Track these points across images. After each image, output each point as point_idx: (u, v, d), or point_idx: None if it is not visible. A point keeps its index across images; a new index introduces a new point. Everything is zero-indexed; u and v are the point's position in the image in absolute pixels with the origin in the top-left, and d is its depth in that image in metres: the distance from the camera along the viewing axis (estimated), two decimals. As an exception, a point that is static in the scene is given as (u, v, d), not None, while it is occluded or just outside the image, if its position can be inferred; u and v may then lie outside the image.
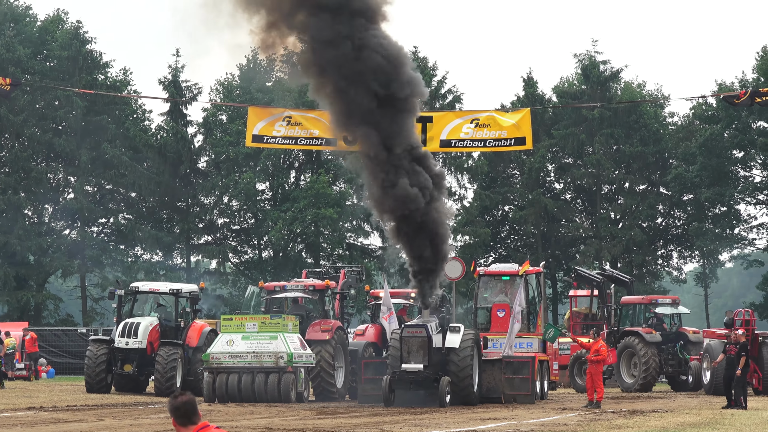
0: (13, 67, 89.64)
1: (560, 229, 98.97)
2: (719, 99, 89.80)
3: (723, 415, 41.05)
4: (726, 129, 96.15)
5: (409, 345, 45.20)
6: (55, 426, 34.30)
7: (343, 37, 48.00)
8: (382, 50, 47.86)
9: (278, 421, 35.68)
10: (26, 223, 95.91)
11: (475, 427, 34.36)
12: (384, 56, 47.73)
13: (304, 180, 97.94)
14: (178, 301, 55.95)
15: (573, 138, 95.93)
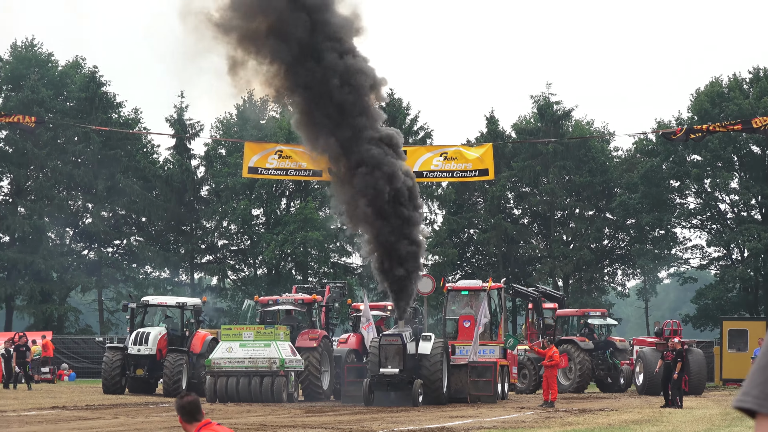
0: (38, 107, 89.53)
1: (519, 250, 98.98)
2: (658, 135, 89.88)
3: (661, 414, 41.28)
4: (664, 162, 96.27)
5: (386, 351, 45.35)
6: (75, 423, 34.29)
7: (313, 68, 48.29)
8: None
9: (272, 419, 35.73)
10: (50, 244, 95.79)
11: (445, 424, 34.39)
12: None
13: (293, 206, 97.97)
14: (183, 313, 56.02)
15: (530, 169, 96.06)
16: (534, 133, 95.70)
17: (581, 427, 33.81)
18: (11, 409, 41.41)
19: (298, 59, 48.42)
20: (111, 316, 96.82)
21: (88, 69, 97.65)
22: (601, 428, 33.37)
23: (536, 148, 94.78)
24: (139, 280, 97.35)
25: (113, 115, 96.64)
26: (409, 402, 44.08)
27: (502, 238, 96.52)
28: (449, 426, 33.51)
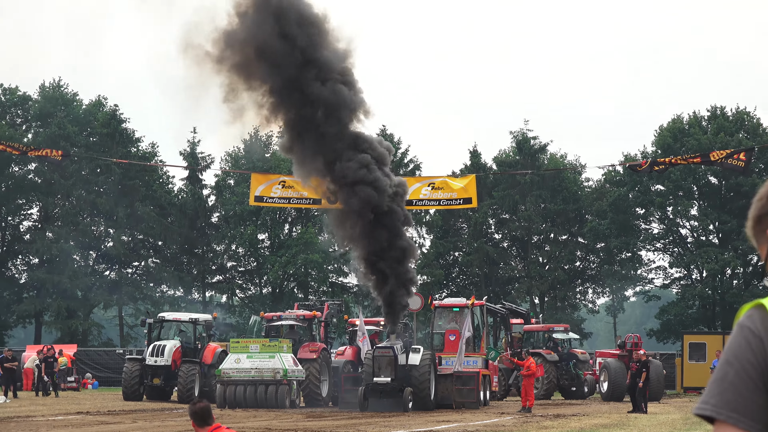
0: (64, 142, 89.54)
1: (499, 271, 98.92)
2: (625, 167, 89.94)
3: (628, 418, 41.26)
4: (630, 191, 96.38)
5: (379, 362, 45.36)
6: (98, 427, 34.27)
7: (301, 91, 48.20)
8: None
9: (276, 423, 35.73)
10: (75, 266, 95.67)
11: (432, 428, 34.41)
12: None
13: (295, 231, 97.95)
14: (195, 328, 55.96)
15: (509, 198, 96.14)
16: (513, 166, 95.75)
17: (555, 431, 33.85)
18: (40, 414, 41.40)
19: (284, 89, 48.33)
20: (130, 331, 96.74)
21: (110, 107, 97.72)
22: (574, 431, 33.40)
23: (515, 179, 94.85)
24: (156, 297, 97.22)
25: (132, 149, 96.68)
26: (399, 408, 44.04)
27: (484, 260, 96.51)
28: (436, 430, 33.54)
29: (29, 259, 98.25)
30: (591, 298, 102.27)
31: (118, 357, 73.10)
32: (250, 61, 48.57)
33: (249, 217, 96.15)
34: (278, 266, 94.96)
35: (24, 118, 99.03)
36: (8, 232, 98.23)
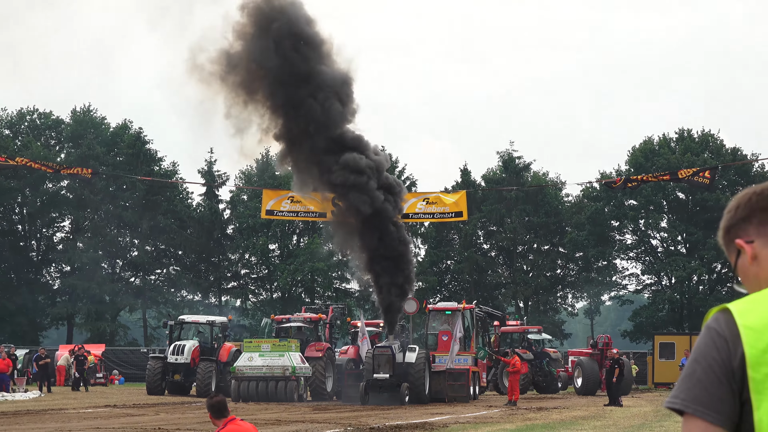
0: (93, 161, 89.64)
1: (487, 278, 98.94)
2: (601, 184, 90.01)
3: (605, 411, 41.30)
4: (606, 206, 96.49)
5: (378, 360, 45.34)
6: (124, 419, 34.24)
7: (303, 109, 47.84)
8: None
9: (285, 415, 35.69)
10: (103, 273, 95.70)
11: (427, 419, 34.35)
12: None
13: (303, 242, 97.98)
14: (212, 329, 56.04)
15: (496, 212, 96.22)
16: (499, 182, 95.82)
17: (539, 422, 33.82)
18: (71, 407, 41.38)
19: (282, 106, 47.99)
20: (153, 332, 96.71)
21: (135, 130, 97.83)
22: (555, 423, 33.38)
23: (501, 195, 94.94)
24: (176, 302, 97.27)
25: (155, 167, 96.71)
26: (397, 402, 44.03)
27: (473, 267, 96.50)
28: (431, 421, 33.48)
29: (62, 267, 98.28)
30: (570, 302, 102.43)
31: (142, 355, 73.12)
32: (249, 80, 48.31)
33: (261, 229, 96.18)
34: (287, 273, 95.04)
35: (57, 139, 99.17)
36: (43, 242, 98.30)
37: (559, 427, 31.36)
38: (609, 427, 31.58)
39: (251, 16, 48.13)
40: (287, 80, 47.24)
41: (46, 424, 31.58)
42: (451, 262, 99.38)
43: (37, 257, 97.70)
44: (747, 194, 3.48)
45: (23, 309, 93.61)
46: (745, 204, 3.45)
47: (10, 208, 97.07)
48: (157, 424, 31.53)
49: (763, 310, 3.21)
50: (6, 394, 51.48)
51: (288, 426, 30.46)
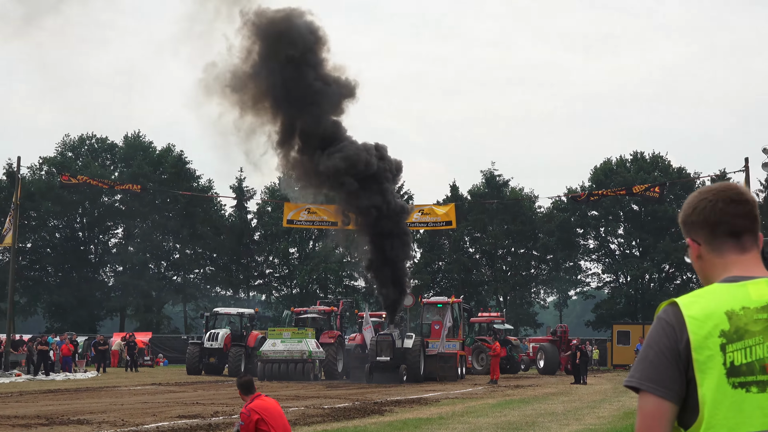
0: (142, 178, 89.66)
1: (472, 276, 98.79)
2: (568, 198, 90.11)
3: (571, 388, 41.24)
4: (572, 216, 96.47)
5: (381, 346, 45.36)
6: (168, 394, 34.24)
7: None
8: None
9: (303, 392, 35.68)
10: (150, 272, 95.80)
11: (422, 395, 34.33)
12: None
13: (318, 246, 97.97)
14: (242, 319, 56.07)
15: (480, 221, 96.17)
16: (483, 196, 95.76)
17: (516, 397, 33.82)
18: (124, 385, 41.39)
19: (286, 123, 47.27)
20: (192, 322, 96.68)
21: (177, 153, 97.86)
22: (530, 398, 33.38)
23: (484, 207, 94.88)
24: (211, 296, 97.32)
25: (194, 183, 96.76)
26: (396, 381, 44.09)
27: (461, 268, 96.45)
28: (425, 397, 33.46)
29: (116, 267, 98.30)
30: (542, 297, 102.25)
31: (182, 342, 73.12)
32: (257, 97, 47.48)
33: (282, 236, 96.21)
34: (304, 273, 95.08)
35: (111, 160, 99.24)
36: (99, 247, 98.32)
37: (533, 402, 31.35)
38: (575, 401, 31.56)
39: (256, 37, 46.95)
40: (292, 96, 46.05)
41: (102, 399, 31.58)
42: (442, 263, 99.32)
43: (94, 259, 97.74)
44: (704, 200, 3.46)
45: (83, 302, 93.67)
46: (700, 211, 3.45)
47: (72, 218, 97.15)
48: (195, 399, 31.54)
49: (704, 303, 3.28)
50: (69, 373, 51.53)
51: (305, 401, 30.44)
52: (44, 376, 48.62)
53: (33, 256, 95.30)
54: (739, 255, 3.42)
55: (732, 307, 3.27)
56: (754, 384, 3.20)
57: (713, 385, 3.20)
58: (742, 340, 3.22)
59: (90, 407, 27.35)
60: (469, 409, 27.36)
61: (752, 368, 3.21)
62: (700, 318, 3.25)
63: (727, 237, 3.41)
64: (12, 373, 48.08)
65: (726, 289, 3.32)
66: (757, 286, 3.32)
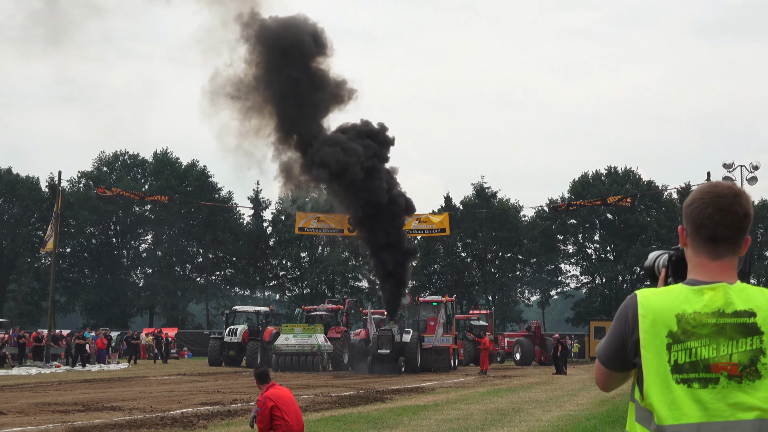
0: (169, 191, 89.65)
1: (464, 278, 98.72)
2: (550, 208, 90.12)
3: (553, 378, 41.11)
4: (553, 224, 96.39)
5: (381, 340, 45.20)
6: (192, 384, 34.15)
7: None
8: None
9: (313, 382, 35.60)
10: (176, 274, 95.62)
11: (420, 384, 34.25)
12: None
13: (326, 251, 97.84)
14: (258, 317, 55.87)
15: (471, 228, 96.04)
16: (474, 206, 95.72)
17: (503, 386, 33.71)
18: (152, 375, 41.32)
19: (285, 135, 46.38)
20: (214, 318, 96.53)
21: (200, 168, 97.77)
22: (516, 387, 33.29)
23: (475, 215, 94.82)
24: (231, 296, 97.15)
25: (215, 195, 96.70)
26: (396, 371, 43.97)
27: (454, 270, 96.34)
28: (422, 386, 33.38)
29: (146, 269, 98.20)
30: (527, 296, 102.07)
31: (205, 336, 73.02)
32: (259, 105, 46.01)
33: (295, 242, 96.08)
34: (314, 275, 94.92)
35: (142, 174, 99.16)
36: (131, 251, 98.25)
37: (519, 390, 31.27)
38: (557, 390, 31.49)
39: (259, 51, 45.30)
40: (291, 107, 44.87)
41: (133, 387, 31.53)
42: (437, 266, 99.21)
43: (126, 262, 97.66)
44: (700, 199, 3.41)
45: (116, 301, 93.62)
46: (693, 209, 3.41)
47: (107, 225, 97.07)
48: (216, 387, 31.48)
49: (659, 301, 3.32)
50: (103, 365, 51.47)
51: (315, 389, 30.39)
52: (81, 367, 48.58)
53: (72, 259, 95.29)
54: (710, 260, 3.38)
55: (684, 310, 3.29)
56: (696, 380, 3.24)
57: (657, 380, 3.26)
58: (687, 341, 3.25)
59: (122, 395, 27.30)
60: (461, 397, 27.30)
61: (696, 366, 3.24)
62: (651, 318, 3.31)
63: (705, 240, 3.38)
64: (53, 365, 48.03)
65: (684, 292, 3.32)
66: (712, 292, 3.30)
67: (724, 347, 3.23)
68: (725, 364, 3.23)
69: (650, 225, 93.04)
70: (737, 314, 3.26)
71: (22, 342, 49.93)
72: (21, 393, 28.36)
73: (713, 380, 3.23)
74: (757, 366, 3.22)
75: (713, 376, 3.23)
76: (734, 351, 3.23)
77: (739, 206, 3.35)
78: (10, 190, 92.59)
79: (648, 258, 3.66)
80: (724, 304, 3.28)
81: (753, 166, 53.31)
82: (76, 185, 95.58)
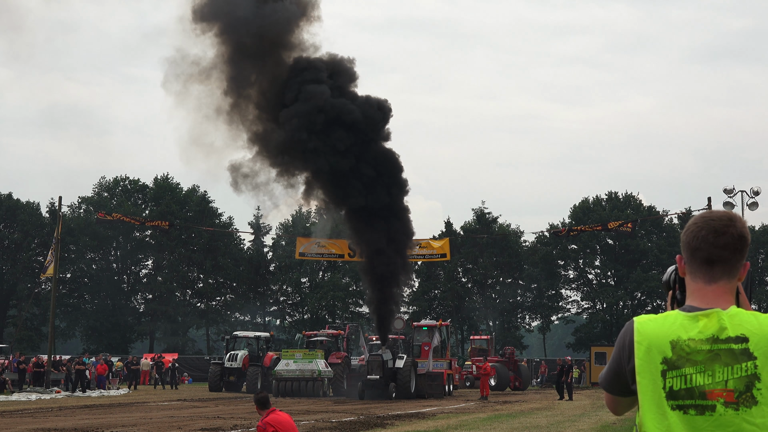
0: (170, 216, 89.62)
1: (465, 303, 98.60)
2: (551, 233, 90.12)
3: (555, 404, 40.99)
4: (554, 249, 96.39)
5: (371, 365, 43.94)
6: (192, 409, 34.10)
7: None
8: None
9: (313, 407, 35.52)
10: (176, 300, 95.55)
11: (420, 410, 34.13)
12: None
13: (326, 276, 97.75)
14: (258, 342, 55.80)
15: (472, 253, 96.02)
16: (474, 231, 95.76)
17: (505, 412, 33.64)
18: (152, 401, 41.25)
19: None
20: (214, 344, 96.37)
21: (201, 193, 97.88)
22: (517, 412, 33.21)
23: (475, 241, 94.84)
24: (231, 321, 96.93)
25: (216, 220, 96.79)
26: (386, 397, 43.03)
27: (454, 296, 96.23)
28: (423, 411, 33.31)
29: (146, 295, 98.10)
30: (528, 321, 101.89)
31: (205, 362, 72.91)
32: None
33: (295, 267, 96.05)
34: (315, 300, 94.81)
35: (143, 199, 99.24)
36: (131, 276, 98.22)
37: (520, 416, 31.21)
38: (557, 416, 31.43)
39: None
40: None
41: (133, 413, 31.49)
42: (438, 291, 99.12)
43: (127, 288, 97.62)
44: (695, 224, 3.46)
45: (116, 326, 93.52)
46: (688, 234, 3.45)
47: (107, 250, 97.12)
48: (216, 413, 31.44)
49: (655, 329, 3.35)
50: (103, 390, 51.36)
51: (316, 415, 30.35)
52: (81, 393, 48.47)
53: (72, 285, 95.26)
54: (705, 284, 3.41)
55: (679, 337, 3.32)
56: (692, 407, 3.26)
57: (653, 407, 3.29)
58: (682, 368, 3.27)
59: (122, 421, 27.26)
60: (462, 423, 27.25)
61: (692, 393, 3.26)
62: (646, 345, 3.34)
63: (701, 264, 3.41)
64: (53, 390, 47.93)
65: (680, 319, 3.35)
66: (706, 319, 3.33)
67: (720, 373, 3.25)
68: (720, 390, 3.24)
69: (651, 250, 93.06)
70: (730, 340, 3.28)
71: (22, 368, 49.86)
72: (21, 419, 28.32)
73: (710, 407, 3.24)
74: (753, 392, 3.23)
75: (709, 404, 3.24)
76: (729, 377, 3.24)
77: (734, 228, 3.38)
78: (10, 216, 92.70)
79: (666, 272, 3.66)
80: (718, 330, 3.30)
81: (754, 191, 53.40)
82: (77, 210, 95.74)
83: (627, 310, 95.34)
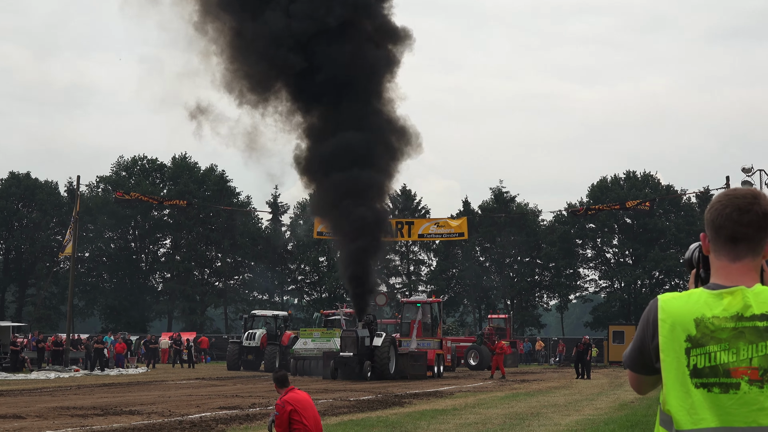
0: (188, 195, 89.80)
1: (483, 282, 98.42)
2: (569, 212, 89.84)
3: (572, 382, 41.00)
4: (572, 228, 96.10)
5: (345, 342, 41.71)
6: (210, 388, 34.23)
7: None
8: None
9: (332, 386, 35.57)
10: (194, 279, 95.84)
11: (438, 389, 34.15)
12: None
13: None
14: (276, 321, 55.98)
15: (489, 233, 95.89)
16: (492, 211, 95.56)
17: (522, 390, 33.66)
18: (171, 379, 41.43)
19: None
20: (232, 323, 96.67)
21: (219, 172, 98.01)
22: (535, 391, 33.22)
23: (493, 220, 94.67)
24: (249, 300, 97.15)
25: (234, 199, 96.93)
26: (361, 377, 40.43)
27: (472, 275, 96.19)
28: (441, 390, 33.35)
29: (164, 274, 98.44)
30: (545, 300, 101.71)
31: (224, 341, 73.14)
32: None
33: (313, 246, 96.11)
34: (332, 279, 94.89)
35: (161, 179, 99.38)
36: (150, 256, 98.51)
37: (538, 395, 31.21)
38: (575, 394, 31.42)
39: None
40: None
41: (152, 392, 31.63)
42: (456, 270, 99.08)
43: (145, 267, 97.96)
44: (719, 202, 3.43)
45: (135, 305, 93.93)
46: (712, 212, 3.42)
47: (125, 230, 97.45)
48: (234, 392, 31.54)
49: (679, 306, 3.33)
50: (122, 369, 51.66)
51: (333, 394, 30.41)
52: (100, 372, 48.77)
53: (90, 264, 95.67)
54: (729, 262, 3.38)
55: (703, 314, 3.29)
56: (716, 385, 3.23)
57: (677, 385, 3.27)
58: (706, 345, 3.25)
59: (140, 399, 27.39)
60: (480, 401, 27.27)
61: (716, 371, 3.24)
62: (670, 322, 3.31)
63: (725, 242, 3.38)
64: (71, 369, 48.23)
65: (704, 296, 3.33)
66: (731, 296, 3.30)
67: (744, 351, 3.22)
68: (745, 368, 3.21)
69: (669, 229, 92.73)
70: (755, 318, 3.25)
71: (41, 346, 50.16)
72: (40, 397, 28.50)
73: (734, 385, 3.21)
74: None
75: (734, 381, 3.21)
76: (754, 355, 3.21)
77: (759, 206, 3.34)
78: (29, 195, 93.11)
79: (689, 249, 3.64)
80: (743, 307, 3.27)
81: (773, 169, 52.98)
82: (95, 190, 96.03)
83: (645, 289, 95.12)
